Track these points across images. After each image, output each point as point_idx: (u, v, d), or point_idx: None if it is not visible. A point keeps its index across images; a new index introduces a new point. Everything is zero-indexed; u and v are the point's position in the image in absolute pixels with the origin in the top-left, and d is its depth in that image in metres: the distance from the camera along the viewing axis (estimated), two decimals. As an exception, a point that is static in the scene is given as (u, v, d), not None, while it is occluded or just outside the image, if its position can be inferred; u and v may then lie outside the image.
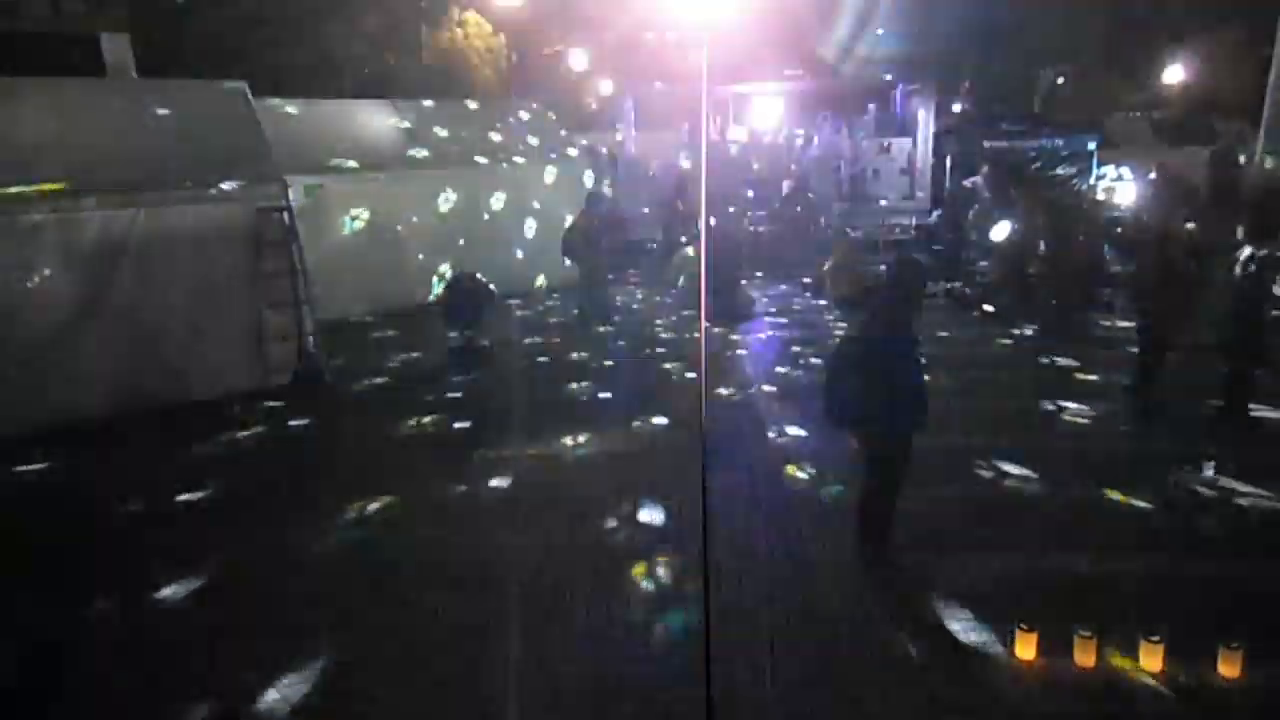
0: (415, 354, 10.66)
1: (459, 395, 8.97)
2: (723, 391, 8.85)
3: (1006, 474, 6.51)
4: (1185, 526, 5.62)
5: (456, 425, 7.99)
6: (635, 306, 13.72)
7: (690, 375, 9.46)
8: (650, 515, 5.90)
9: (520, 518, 5.99)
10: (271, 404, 8.56)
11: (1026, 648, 4.18)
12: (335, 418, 8.40)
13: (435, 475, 6.73)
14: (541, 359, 10.31)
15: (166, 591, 5.10)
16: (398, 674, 4.25)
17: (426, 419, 8.17)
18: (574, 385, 9.17)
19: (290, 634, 4.59)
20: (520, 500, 6.32)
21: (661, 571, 5.12)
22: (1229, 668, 4.01)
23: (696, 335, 11.39)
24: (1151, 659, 4.06)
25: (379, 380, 9.60)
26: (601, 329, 11.94)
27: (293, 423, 8.14)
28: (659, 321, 12.47)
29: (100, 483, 6.83)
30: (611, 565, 5.22)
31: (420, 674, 4.24)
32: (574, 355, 10.45)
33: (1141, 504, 5.92)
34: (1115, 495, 6.05)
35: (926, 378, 5.22)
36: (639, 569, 5.15)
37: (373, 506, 6.18)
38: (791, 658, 4.26)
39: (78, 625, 4.79)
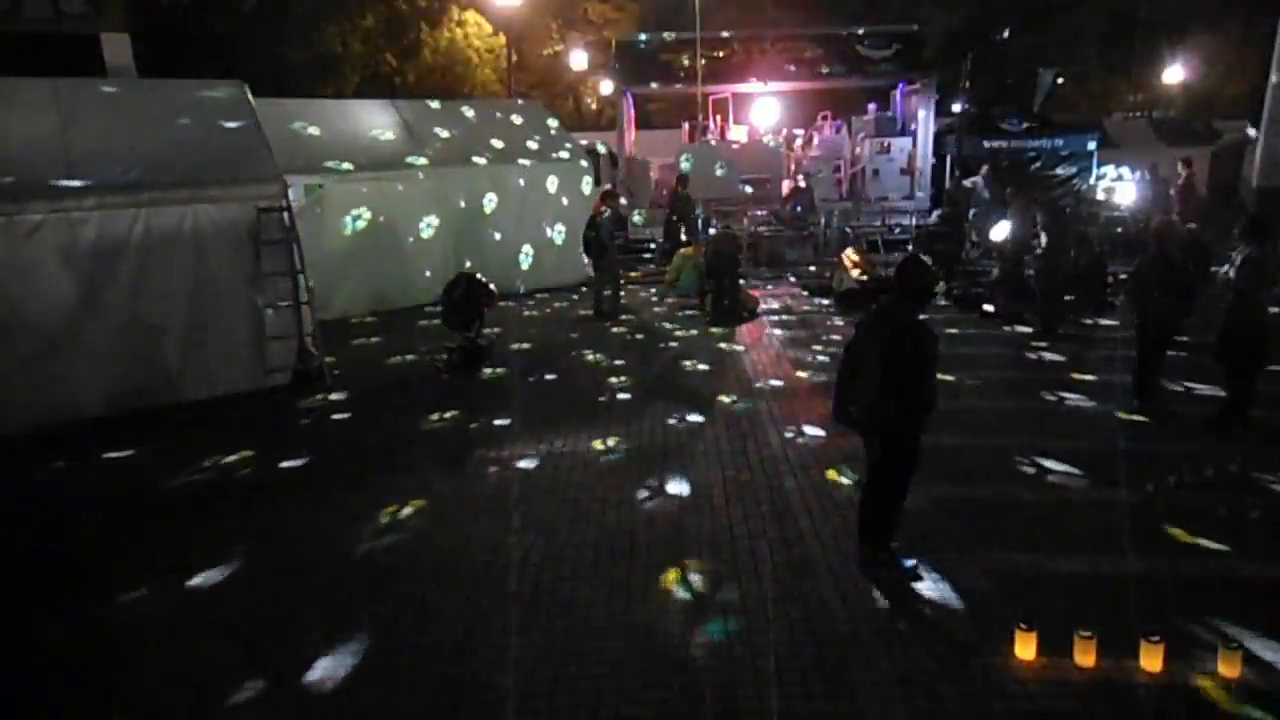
0: (411, 355, 10.69)
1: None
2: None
3: (1006, 474, 6.53)
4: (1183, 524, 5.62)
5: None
6: (625, 304, 13.70)
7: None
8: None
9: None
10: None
11: (1026, 647, 4.18)
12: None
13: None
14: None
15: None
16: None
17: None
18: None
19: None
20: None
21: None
22: (1228, 668, 4.01)
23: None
24: (1151, 659, 4.06)
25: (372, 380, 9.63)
26: (612, 326, 11.98)
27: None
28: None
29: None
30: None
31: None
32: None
33: (1140, 503, 5.93)
34: (1114, 495, 6.06)
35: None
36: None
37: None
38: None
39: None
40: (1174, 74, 30.67)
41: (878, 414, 4.88)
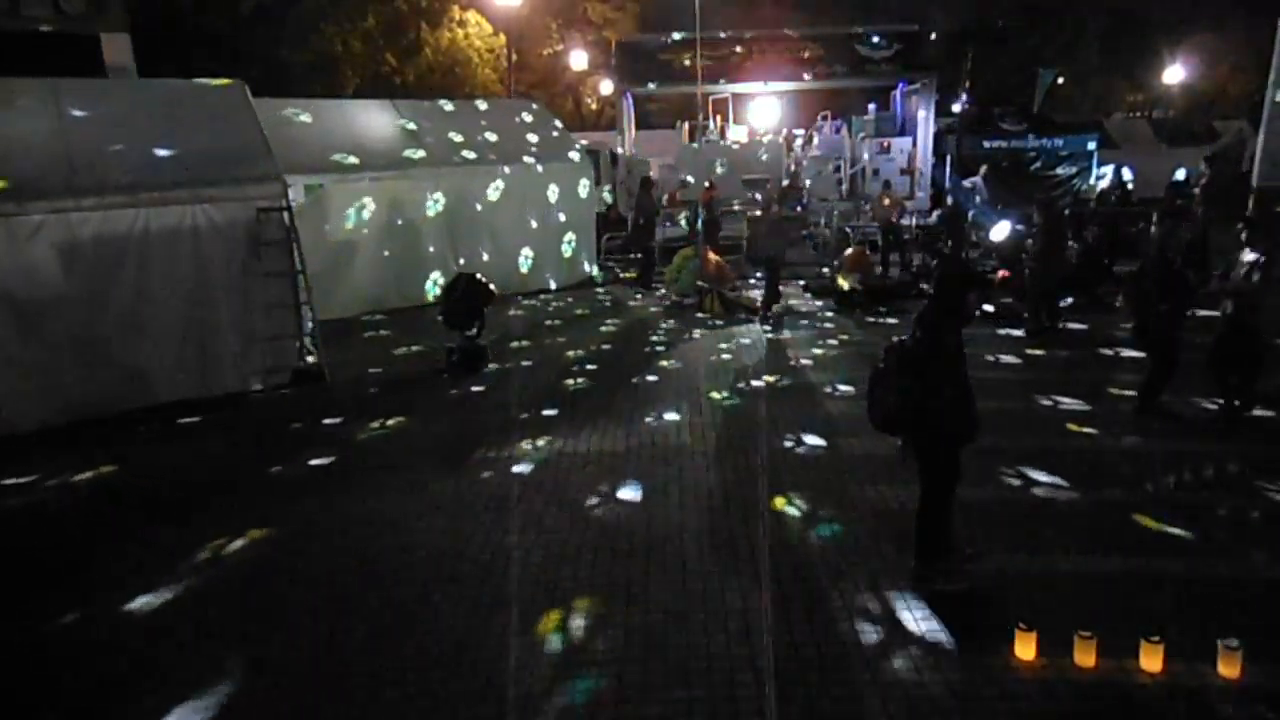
0: (411, 354, 10.69)
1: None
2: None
3: (1004, 475, 6.53)
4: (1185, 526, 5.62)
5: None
6: (629, 304, 13.73)
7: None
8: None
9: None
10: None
11: (1026, 647, 4.18)
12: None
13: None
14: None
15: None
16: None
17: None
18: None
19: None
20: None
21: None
22: (1228, 668, 4.00)
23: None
24: (1151, 659, 4.06)
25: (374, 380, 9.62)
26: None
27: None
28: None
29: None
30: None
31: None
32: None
33: (1140, 504, 5.92)
34: (1114, 496, 6.05)
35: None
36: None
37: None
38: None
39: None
40: (1174, 74, 30.67)
41: (908, 421, 4.80)
